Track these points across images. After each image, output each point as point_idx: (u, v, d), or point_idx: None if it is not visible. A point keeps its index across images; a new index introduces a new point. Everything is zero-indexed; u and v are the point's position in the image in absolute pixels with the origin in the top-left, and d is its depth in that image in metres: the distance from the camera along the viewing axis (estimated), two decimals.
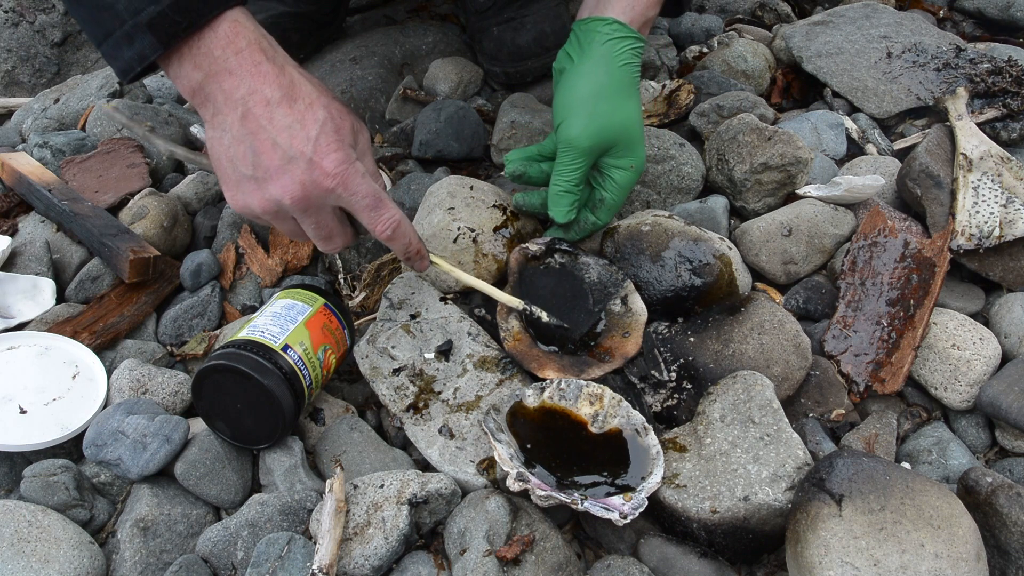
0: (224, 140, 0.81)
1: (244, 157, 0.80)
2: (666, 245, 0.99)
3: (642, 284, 0.98)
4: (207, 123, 0.83)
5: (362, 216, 0.84)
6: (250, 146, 0.80)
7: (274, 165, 0.80)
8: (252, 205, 0.83)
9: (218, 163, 0.83)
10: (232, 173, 0.83)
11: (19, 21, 1.77)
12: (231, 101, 0.79)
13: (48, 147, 1.23)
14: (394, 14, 1.55)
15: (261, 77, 0.79)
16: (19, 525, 0.78)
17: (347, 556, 0.76)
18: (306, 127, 0.80)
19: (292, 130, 0.79)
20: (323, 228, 0.85)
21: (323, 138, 0.80)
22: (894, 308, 0.98)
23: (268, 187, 0.81)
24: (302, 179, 0.80)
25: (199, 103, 0.82)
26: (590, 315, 0.97)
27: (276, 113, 0.79)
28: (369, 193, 0.83)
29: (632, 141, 0.96)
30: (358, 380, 0.99)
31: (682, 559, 0.78)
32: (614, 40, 0.95)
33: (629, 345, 0.94)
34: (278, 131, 0.79)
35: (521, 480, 0.77)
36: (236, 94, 0.79)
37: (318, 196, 0.81)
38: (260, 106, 0.79)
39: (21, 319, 1.02)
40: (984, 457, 0.91)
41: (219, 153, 0.82)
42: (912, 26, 1.39)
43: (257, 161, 0.80)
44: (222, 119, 0.80)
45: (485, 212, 1.02)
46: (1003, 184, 1.04)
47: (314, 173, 0.80)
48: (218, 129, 0.81)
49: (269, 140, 0.79)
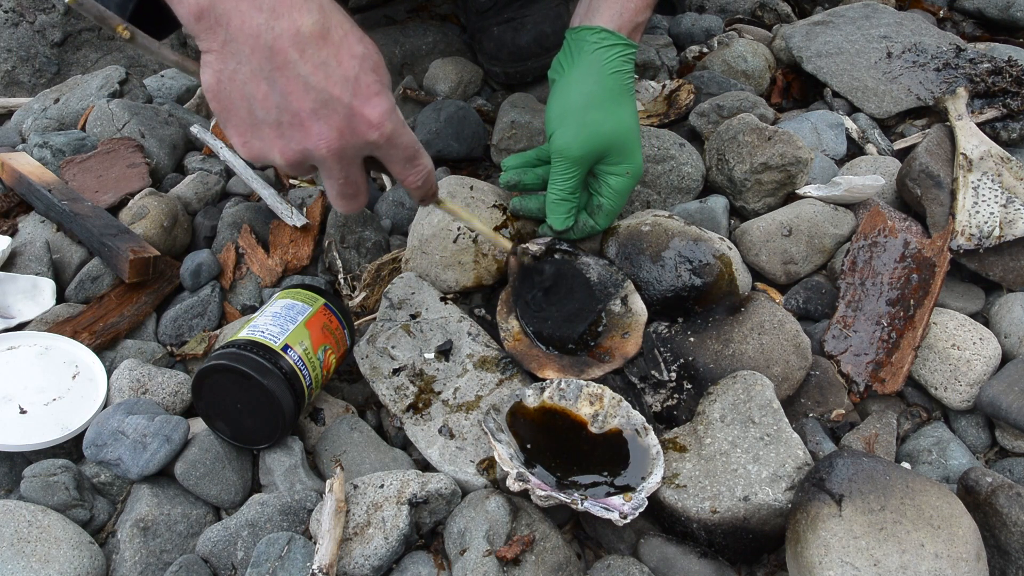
0: (238, 75, 0.69)
1: (266, 98, 0.69)
2: (666, 245, 0.99)
3: (642, 284, 0.98)
4: (213, 53, 0.70)
5: (395, 166, 0.76)
6: (274, 85, 0.68)
7: (305, 109, 0.69)
8: (270, 154, 0.73)
9: (226, 100, 0.71)
10: (246, 115, 0.71)
11: (19, 21, 1.77)
12: (250, 28, 0.67)
13: (48, 147, 1.23)
14: (394, 14, 1.55)
15: (287, 2, 0.67)
16: (19, 525, 0.78)
17: (347, 556, 0.76)
18: (343, 65, 0.69)
19: (327, 68, 0.68)
20: (351, 184, 0.76)
21: (363, 78, 0.70)
22: (894, 308, 0.98)
23: (296, 135, 0.71)
24: (340, 127, 0.70)
25: (206, 28, 0.68)
26: (590, 314, 0.97)
27: (308, 47, 0.67)
28: (410, 144, 0.75)
29: (627, 147, 0.96)
30: (358, 380, 0.99)
31: (682, 559, 0.78)
32: (603, 48, 0.95)
33: (629, 345, 0.95)
34: (311, 69, 0.68)
35: (521, 480, 0.77)
36: (257, 19, 0.67)
37: (356, 147, 0.72)
38: (289, 37, 0.67)
39: (21, 319, 1.02)
40: (984, 457, 0.91)
41: (229, 90, 0.70)
42: (912, 26, 1.39)
43: (284, 104, 0.69)
44: (236, 48, 0.68)
45: (485, 212, 1.02)
46: (1003, 184, 1.04)
47: (354, 121, 0.70)
48: (230, 60, 0.69)
49: (300, 80, 0.68)
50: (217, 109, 0.73)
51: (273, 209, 1.14)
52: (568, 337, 0.96)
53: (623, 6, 0.96)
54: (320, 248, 1.13)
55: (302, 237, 1.12)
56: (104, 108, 1.28)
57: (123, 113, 1.27)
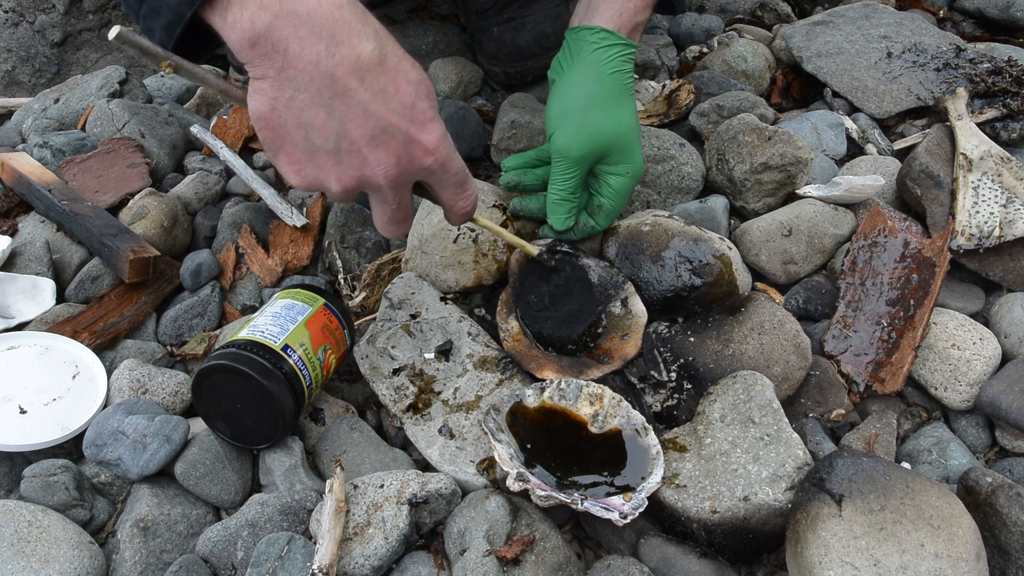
0: (296, 102, 0.68)
1: (324, 126, 0.69)
2: (666, 245, 0.99)
3: (642, 284, 0.98)
4: (267, 80, 0.68)
5: (446, 192, 0.77)
6: (333, 113, 0.68)
7: (364, 137, 0.69)
8: (327, 182, 0.72)
9: (280, 128, 0.70)
10: (302, 142, 0.70)
11: (19, 21, 1.77)
12: (310, 55, 0.66)
13: (48, 147, 1.23)
14: (394, 14, 1.55)
15: (345, 26, 0.67)
16: (19, 525, 0.78)
17: (347, 556, 0.76)
18: (400, 92, 0.69)
19: (386, 95, 0.69)
20: (402, 209, 0.76)
21: (419, 104, 0.70)
22: (894, 308, 0.98)
23: (354, 161, 0.70)
24: (398, 154, 0.70)
25: (260, 54, 0.67)
26: (589, 315, 0.97)
27: (367, 75, 0.68)
28: (460, 169, 0.75)
29: (627, 147, 0.96)
30: (358, 380, 0.99)
31: (682, 559, 0.78)
32: (602, 48, 0.95)
33: (628, 347, 0.94)
34: (370, 97, 0.68)
35: (521, 480, 0.77)
36: (317, 47, 0.66)
37: (411, 172, 0.73)
38: (348, 65, 0.67)
39: (21, 319, 1.02)
40: (984, 457, 0.91)
41: (285, 118, 0.69)
42: (912, 26, 1.39)
43: (343, 131, 0.69)
44: (294, 75, 0.67)
45: (485, 212, 1.02)
46: (1003, 184, 1.04)
47: (411, 148, 0.71)
48: (287, 87, 0.68)
49: (359, 108, 0.68)
50: (269, 137, 0.72)
51: (273, 209, 1.14)
52: (567, 338, 0.96)
53: (622, 6, 0.96)
54: (320, 248, 1.13)
55: (302, 237, 1.12)
56: (104, 108, 1.28)
57: (123, 113, 1.27)
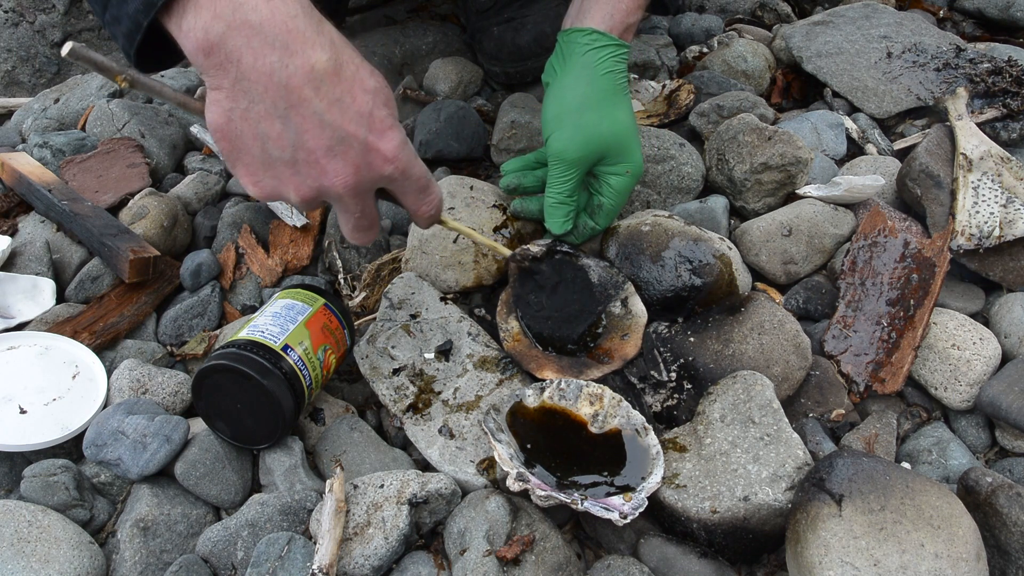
0: (251, 113, 0.68)
1: (280, 136, 0.68)
2: (666, 245, 0.99)
3: (642, 284, 0.98)
4: (222, 91, 0.68)
5: (408, 198, 0.77)
6: (288, 124, 0.68)
7: (321, 147, 0.69)
8: (284, 192, 0.72)
9: (236, 140, 0.70)
10: (259, 153, 0.70)
11: (19, 21, 1.77)
12: (263, 66, 0.66)
13: (48, 147, 1.23)
14: (394, 14, 1.55)
15: (299, 36, 0.66)
16: (19, 525, 0.78)
17: (347, 556, 0.76)
18: (357, 101, 0.69)
19: (342, 105, 0.68)
20: (366, 217, 0.76)
21: (376, 113, 0.70)
22: (894, 308, 0.98)
23: (312, 172, 0.70)
24: (356, 163, 0.70)
25: (216, 64, 0.67)
26: (589, 315, 0.97)
27: (323, 84, 0.67)
28: (422, 174, 0.75)
29: (625, 147, 0.95)
30: (358, 380, 0.99)
31: (682, 559, 0.78)
32: (595, 50, 0.95)
33: (628, 347, 0.94)
34: (326, 106, 0.67)
35: (521, 480, 0.77)
36: (270, 58, 0.66)
37: (371, 181, 0.72)
38: (303, 75, 0.66)
39: (21, 319, 1.02)
40: (984, 457, 0.91)
41: (241, 129, 0.69)
42: (912, 26, 1.39)
43: (299, 142, 0.68)
44: (248, 86, 0.67)
45: (485, 212, 1.02)
46: (1003, 184, 1.04)
47: (370, 156, 0.70)
48: (241, 98, 0.68)
49: (315, 118, 0.67)
50: (226, 149, 0.72)
51: (273, 209, 1.14)
52: (567, 338, 0.96)
53: (614, 7, 0.95)
54: (320, 248, 1.13)
55: (302, 237, 1.12)
56: (104, 108, 1.28)
57: (123, 113, 1.27)
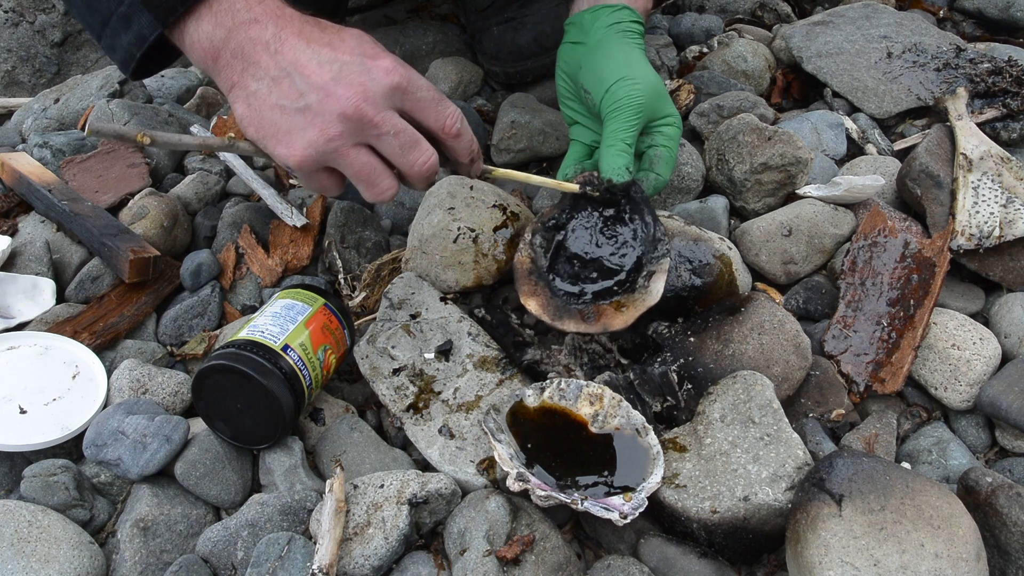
0: (262, 90, 0.75)
1: (291, 89, 0.75)
2: None
3: None
4: (236, 86, 0.77)
5: (428, 111, 0.79)
6: (293, 76, 0.74)
7: (326, 79, 0.74)
8: (314, 138, 0.76)
9: (259, 118, 0.77)
10: (282, 120, 0.76)
11: (19, 21, 1.77)
12: (260, 43, 0.75)
13: (48, 147, 1.23)
14: (394, 14, 1.55)
15: (287, 18, 0.76)
16: (19, 525, 0.78)
17: (347, 556, 0.76)
18: (345, 40, 0.76)
19: (333, 44, 0.75)
20: (405, 132, 0.78)
21: (364, 45, 0.76)
22: (894, 308, 0.98)
23: (327, 105, 0.75)
24: (361, 80, 0.75)
25: (223, 65, 0.76)
26: (637, 261, 0.94)
27: (312, 35, 0.75)
28: (431, 86, 0.79)
29: (666, 101, 0.99)
30: (358, 380, 0.99)
31: (682, 559, 0.78)
32: (628, 23, 1.00)
33: (617, 320, 0.92)
34: (319, 49, 0.75)
35: (521, 480, 0.77)
36: (265, 35, 0.75)
37: (382, 94, 0.76)
38: (293, 35, 0.75)
39: (21, 319, 1.02)
40: (984, 457, 0.91)
41: (259, 107, 0.76)
42: (912, 26, 1.39)
43: (307, 86, 0.74)
44: (255, 69, 0.75)
45: (485, 212, 1.02)
46: (1003, 184, 1.04)
47: (372, 72, 0.75)
48: (251, 82, 0.76)
49: (313, 60, 0.74)
50: (256, 134, 0.78)
51: (273, 209, 1.14)
52: (613, 271, 0.94)
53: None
54: (320, 248, 1.13)
55: (302, 237, 1.12)
56: (104, 108, 1.28)
57: (123, 113, 1.27)
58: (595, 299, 0.94)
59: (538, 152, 1.24)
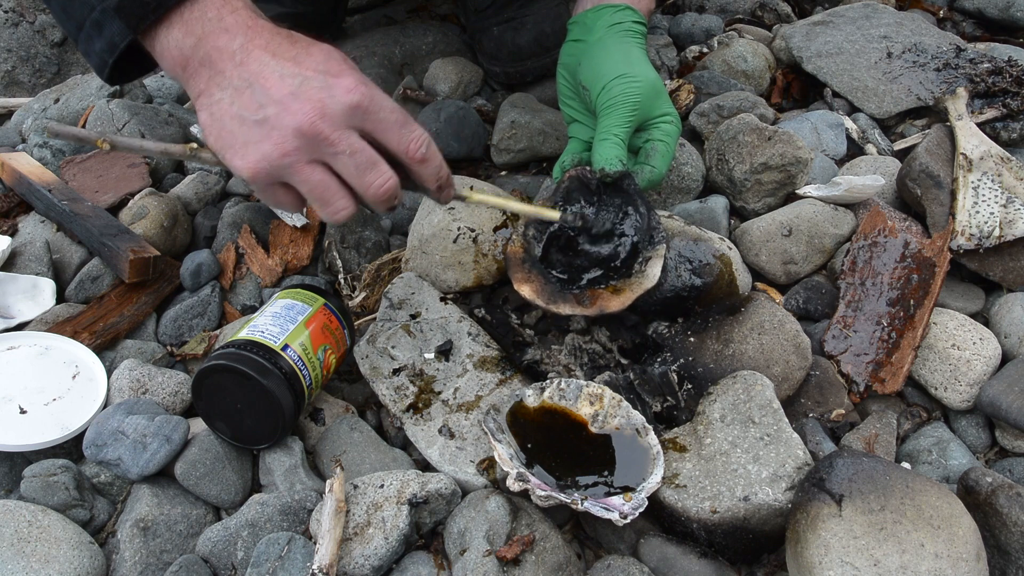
0: (224, 100, 0.74)
1: (251, 101, 0.73)
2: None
3: None
4: (202, 95, 0.76)
5: (391, 135, 0.76)
6: (255, 88, 0.73)
7: (285, 93, 0.72)
8: (269, 152, 0.73)
9: (219, 128, 0.75)
10: (240, 131, 0.74)
11: (19, 21, 1.77)
12: (227, 53, 0.73)
13: (48, 147, 1.23)
14: (394, 14, 1.55)
15: (257, 29, 0.74)
16: (19, 525, 0.78)
17: (347, 556, 0.76)
18: (312, 55, 0.74)
19: (298, 60, 0.73)
20: (362, 152, 0.75)
21: (332, 62, 0.74)
22: (894, 308, 0.98)
23: (283, 119, 0.72)
24: (320, 97, 0.72)
25: (191, 74, 0.75)
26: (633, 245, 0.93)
27: (279, 48, 0.74)
28: (396, 108, 0.76)
29: (664, 100, 0.99)
30: (358, 380, 0.99)
31: (682, 559, 0.78)
32: (629, 23, 1.01)
33: (613, 302, 0.92)
34: (283, 63, 0.73)
35: (521, 480, 0.77)
36: (232, 45, 0.73)
37: (341, 114, 0.73)
38: (260, 47, 0.73)
39: (21, 319, 1.02)
40: (984, 457, 0.91)
41: (220, 116, 0.74)
42: (912, 26, 1.39)
43: (266, 98, 0.72)
44: (220, 79, 0.74)
45: (485, 212, 1.02)
46: (1003, 184, 1.04)
47: (332, 89, 0.73)
48: (216, 91, 0.74)
49: (276, 73, 0.73)
50: (216, 143, 0.76)
51: (273, 209, 1.14)
52: (607, 260, 0.94)
53: None
54: (320, 248, 1.13)
55: (302, 237, 1.12)
56: (104, 108, 1.28)
57: (123, 113, 1.27)
58: (590, 285, 0.94)
59: (538, 152, 1.24)
